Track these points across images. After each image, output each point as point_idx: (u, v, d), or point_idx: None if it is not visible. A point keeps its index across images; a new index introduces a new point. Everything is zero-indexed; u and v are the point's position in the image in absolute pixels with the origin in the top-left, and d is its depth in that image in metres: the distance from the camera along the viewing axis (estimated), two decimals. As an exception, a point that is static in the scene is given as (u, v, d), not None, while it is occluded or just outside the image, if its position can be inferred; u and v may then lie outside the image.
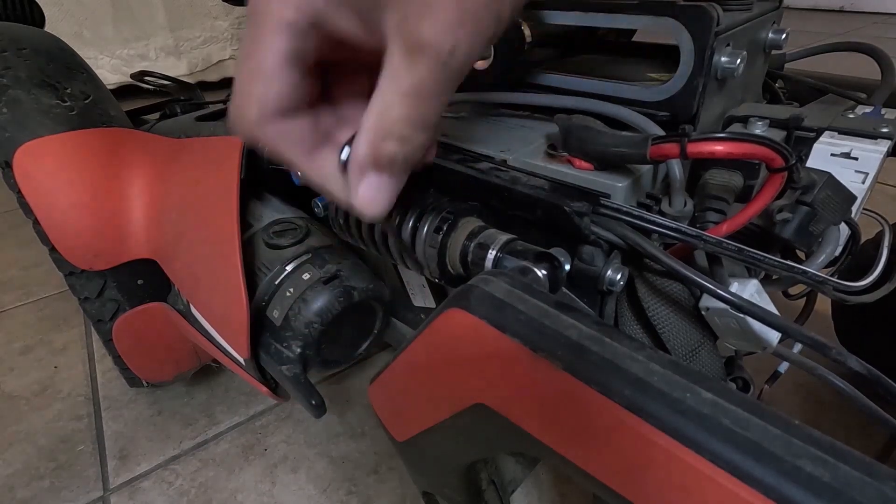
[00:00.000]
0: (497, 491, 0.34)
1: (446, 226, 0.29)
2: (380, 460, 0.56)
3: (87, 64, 0.53)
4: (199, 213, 0.43)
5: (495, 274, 0.22)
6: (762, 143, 0.24)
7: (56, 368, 0.71)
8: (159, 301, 0.52)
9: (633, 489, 0.17)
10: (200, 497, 0.54)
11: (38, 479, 0.56)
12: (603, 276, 0.28)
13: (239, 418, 0.62)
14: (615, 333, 0.19)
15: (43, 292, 0.86)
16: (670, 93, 0.32)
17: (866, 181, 0.30)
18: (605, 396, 0.17)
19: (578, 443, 0.18)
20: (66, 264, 0.49)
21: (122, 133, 0.51)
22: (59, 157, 0.47)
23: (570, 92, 0.36)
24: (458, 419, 0.23)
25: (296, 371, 0.38)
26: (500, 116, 0.40)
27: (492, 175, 0.31)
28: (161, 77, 0.85)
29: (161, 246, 0.48)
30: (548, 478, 0.53)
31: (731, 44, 0.31)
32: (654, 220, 0.27)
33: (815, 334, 0.23)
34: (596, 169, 0.30)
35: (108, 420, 0.63)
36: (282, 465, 0.56)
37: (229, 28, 1.73)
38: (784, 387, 0.61)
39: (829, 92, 0.39)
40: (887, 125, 0.31)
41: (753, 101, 0.40)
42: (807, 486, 0.13)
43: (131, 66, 1.60)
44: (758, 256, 0.25)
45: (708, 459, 0.15)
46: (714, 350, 0.29)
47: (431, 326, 0.23)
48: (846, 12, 2.57)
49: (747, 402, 0.16)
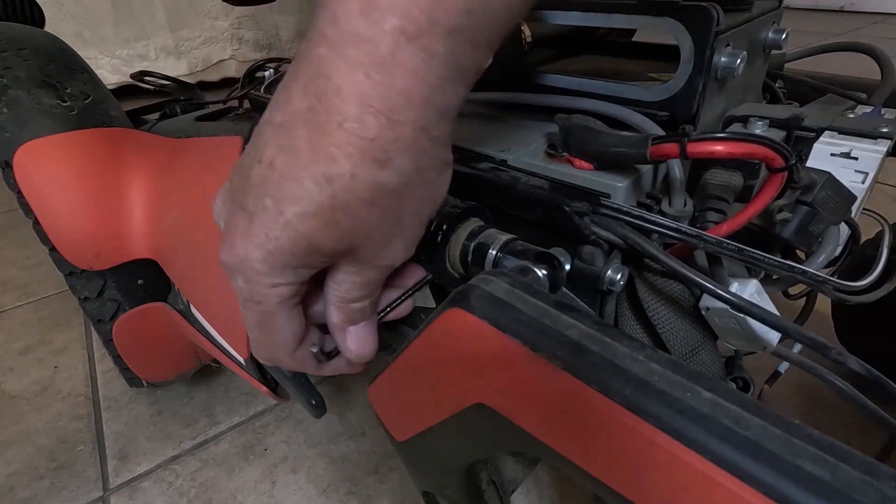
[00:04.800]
0: (497, 491, 0.33)
1: (446, 226, 0.29)
2: (380, 460, 0.56)
3: (87, 64, 0.53)
4: (199, 213, 0.43)
5: (495, 274, 0.22)
6: (762, 143, 0.24)
7: (56, 368, 0.71)
8: (159, 301, 0.52)
9: (633, 489, 0.17)
10: (200, 497, 0.54)
11: (38, 479, 0.56)
12: (603, 276, 0.28)
13: (239, 418, 0.62)
14: (615, 333, 0.19)
15: (43, 292, 0.86)
16: (670, 93, 0.32)
17: (866, 181, 0.30)
18: (605, 396, 0.17)
19: (578, 442, 0.18)
20: (66, 264, 0.49)
21: (122, 133, 0.51)
22: (59, 157, 0.47)
23: (570, 92, 0.36)
24: (458, 419, 0.23)
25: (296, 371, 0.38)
26: (500, 116, 0.40)
27: (492, 175, 0.31)
28: (161, 77, 0.85)
29: (161, 246, 0.48)
30: (548, 478, 0.53)
31: (732, 44, 0.31)
32: (654, 220, 0.27)
33: (815, 334, 0.23)
34: (596, 169, 0.30)
35: (108, 420, 0.63)
36: (282, 465, 0.56)
37: (229, 28, 1.73)
38: (784, 387, 0.61)
39: (829, 92, 0.39)
40: (887, 125, 0.31)
41: (753, 101, 0.40)
42: (807, 485, 0.13)
43: (131, 66, 1.60)
44: (758, 256, 0.25)
45: (708, 459, 0.15)
46: (714, 350, 0.29)
47: (431, 326, 0.23)
48: (846, 12, 2.57)
49: (747, 401, 0.16)
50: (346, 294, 0.24)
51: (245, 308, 0.23)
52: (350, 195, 0.19)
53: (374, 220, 0.20)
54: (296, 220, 0.19)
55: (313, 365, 0.27)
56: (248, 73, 0.70)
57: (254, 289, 0.21)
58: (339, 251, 0.21)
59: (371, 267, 0.23)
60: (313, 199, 0.19)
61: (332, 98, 0.18)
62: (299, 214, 0.19)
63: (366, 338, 0.26)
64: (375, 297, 0.25)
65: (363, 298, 0.25)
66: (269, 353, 0.25)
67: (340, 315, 0.25)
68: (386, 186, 0.20)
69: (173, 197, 0.47)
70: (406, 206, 0.21)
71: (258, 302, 0.22)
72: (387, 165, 0.19)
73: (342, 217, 0.19)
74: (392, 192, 0.20)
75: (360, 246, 0.21)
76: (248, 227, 0.20)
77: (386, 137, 0.19)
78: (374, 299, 0.25)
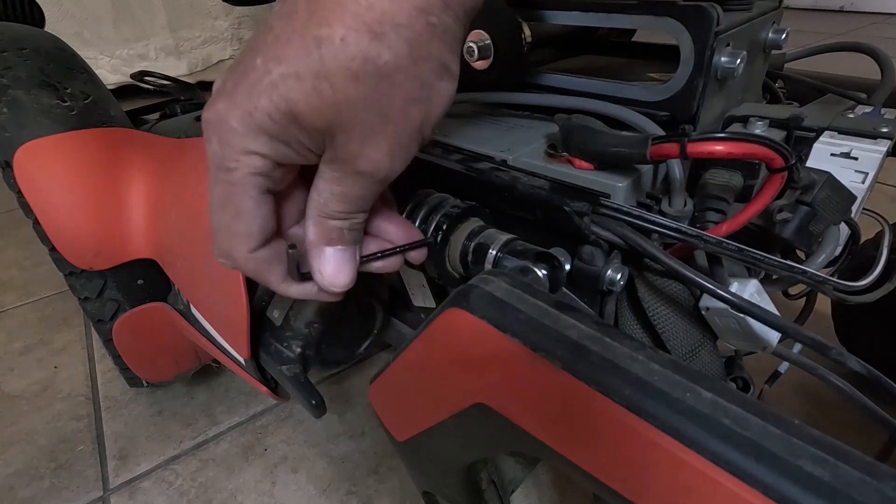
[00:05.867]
0: (497, 491, 0.34)
1: (446, 226, 0.29)
2: (380, 460, 0.56)
3: (87, 64, 0.53)
4: (199, 213, 0.43)
5: (495, 274, 0.22)
6: (762, 143, 0.24)
7: (56, 368, 0.71)
8: (159, 301, 0.52)
9: (633, 488, 0.17)
10: (200, 497, 0.54)
11: (38, 479, 0.56)
12: (603, 276, 0.28)
13: (239, 418, 0.62)
14: (615, 333, 0.19)
15: (43, 292, 0.86)
16: (670, 93, 0.32)
17: (866, 181, 0.30)
18: (605, 396, 0.17)
19: (578, 442, 0.18)
20: (66, 264, 0.49)
21: (122, 133, 0.51)
22: (59, 158, 0.47)
23: (570, 92, 0.36)
24: (458, 419, 0.23)
25: (296, 371, 0.38)
26: (500, 116, 0.40)
27: (492, 175, 0.31)
28: (161, 77, 0.85)
29: (161, 246, 0.48)
30: (548, 478, 0.53)
31: (731, 44, 0.31)
32: (654, 220, 0.27)
33: (815, 334, 0.23)
34: (596, 169, 0.30)
35: (108, 420, 0.63)
36: (282, 465, 0.56)
37: (229, 28, 1.73)
38: (784, 387, 0.61)
39: (829, 92, 0.39)
40: (887, 125, 0.31)
41: (753, 101, 0.40)
42: (807, 485, 0.13)
43: (131, 66, 1.60)
44: (758, 256, 0.25)
45: (708, 459, 0.15)
46: (714, 350, 0.29)
47: (431, 326, 0.23)
48: (846, 12, 2.57)
49: (747, 402, 0.16)
50: (325, 206, 0.23)
51: (214, 183, 0.22)
52: (336, 62, 0.19)
53: (358, 100, 0.20)
54: (280, 80, 0.19)
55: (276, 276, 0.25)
56: (248, 73, 0.70)
57: (226, 152, 0.21)
58: (320, 129, 0.20)
59: (352, 173, 0.22)
60: (300, 61, 0.19)
61: None
62: (284, 74, 0.19)
63: (342, 264, 0.24)
64: (357, 222, 0.24)
65: (342, 216, 0.23)
66: (227, 243, 0.23)
67: (317, 230, 0.23)
68: (375, 61, 0.19)
69: (173, 197, 0.47)
70: (395, 98, 0.20)
71: (228, 169, 0.21)
72: (380, 39, 0.19)
73: (325, 86, 0.19)
74: (381, 71, 0.19)
75: (341, 131, 0.20)
76: (234, 86, 0.20)
77: (383, 8, 0.18)
78: (354, 223, 0.24)
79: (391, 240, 0.27)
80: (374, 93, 0.20)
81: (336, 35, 0.18)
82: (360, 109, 0.20)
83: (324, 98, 0.19)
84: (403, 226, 0.27)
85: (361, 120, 0.20)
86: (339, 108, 0.20)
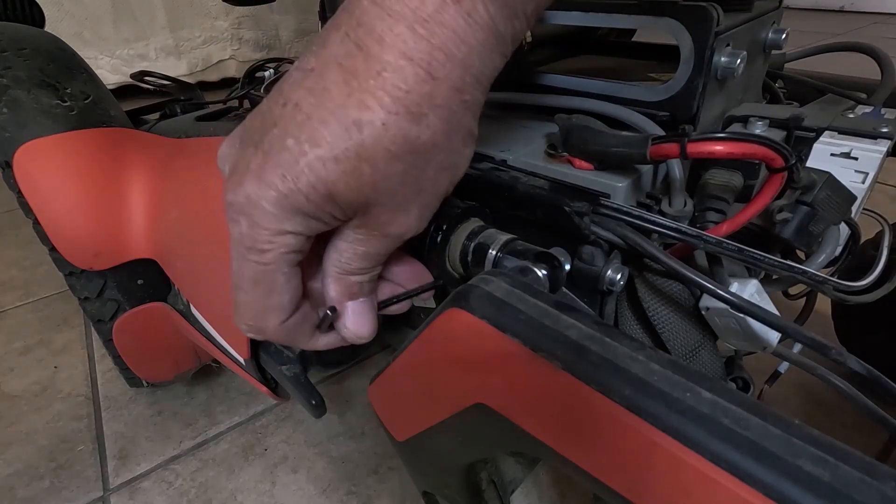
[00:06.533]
0: (497, 491, 0.34)
1: (446, 226, 0.29)
2: (380, 460, 0.56)
3: (87, 64, 0.53)
4: (199, 213, 0.43)
5: (495, 274, 0.22)
6: (762, 143, 0.24)
7: (56, 368, 0.71)
8: (159, 301, 0.52)
9: (633, 489, 0.17)
10: (200, 497, 0.54)
11: (38, 479, 0.56)
12: (603, 276, 0.28)
13: (239, 418, 0.62)
14: (615, 333, 0.19)
15: (43, 292, 0.86)
16: (670, 93, 0.32)
17: (866, 181, 0.30)
18: (605, 396, 0.17)
19: (578, 442, 0.18)
20: (66, 264, 0.49)
21: (122, 133, 0.51)
22: (59, 157, 0.47)
23: (570, 92, 0.36)
24: (458, 419, 0.23)
25: (296, 371, 0.38)
26: (500, 116, 0.40)
27: (492, 175, 0.31)
28: (161, 77, 0.85)
29: (161, 246, 0.48)
30: (548, 478, 0.53)
31: (731, 44, 0.31)
32: (654, 220, 0.27)
33: (815, 334, 0.23)
34: (596, 169, 0.30)
35: (108, 420, 0.63)
36: (282, 465, 0.56)
37: (229, 28, 1.73)
38: (784, 387, 0.61)
39: (829, 92, 0.39)
40: (887, 125, 0.31)
41: (753, 101, 0.40)
42: (807, 486, 0.13)
43: (131, 66, 1.60)
44: (758, 256, 0.25)
45: (708, 459, 0.15)
46: (714, 350, 0.29)
47: (431, 326, 0.23)
48: (846, 12, 2.57)
49: (747, 402, 0.16)
50: (346, 264, 0.23)
51: (242, 261, 0.21)
52: (377, 145, 0.19)
53: (395, 176, 0.20)
54: (317, 162, 0.19)
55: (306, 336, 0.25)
56: (248, 74, 0.70)
57: (258, 234, 0.20)
58: (355, 205, 0.20)
59: (379, 236, 0.22)
60: (339, 144, 0.19)
61: (372, 46, 0.18)
62: (322, 157, 0.19)
63: (364, 316, 0.25)
64: (375, 274, 0.25)
65: (363, 272, 0.24)
66: (258, 319, 0.23)
67: (338, 287, 0.24)
68: (414, 142, 0.19)
69: (173, 197, 0.47)
70: (428, 170, 0.21)
71: (260, 251, 0.20)
72: (419, 120, 0.19)
73: (365, 167, 0.19)
74: (419, 149, 0.20)
75: (376, 205, 0.21)
76: (263, 166, 0.19)
77: (422, 91, 0.19)
78: (373, 275, 0.25)
79: (400, 281, 0.28)
80: (410, 168, 0.20)
81: (377, 119, 0.19)
82: (396, 184, 0.20)
83: (363, 178, 0.19)
84: (409, 263, 0.28)
85: (397, 193, 0.21)
86: (376, 185, 0.20)
